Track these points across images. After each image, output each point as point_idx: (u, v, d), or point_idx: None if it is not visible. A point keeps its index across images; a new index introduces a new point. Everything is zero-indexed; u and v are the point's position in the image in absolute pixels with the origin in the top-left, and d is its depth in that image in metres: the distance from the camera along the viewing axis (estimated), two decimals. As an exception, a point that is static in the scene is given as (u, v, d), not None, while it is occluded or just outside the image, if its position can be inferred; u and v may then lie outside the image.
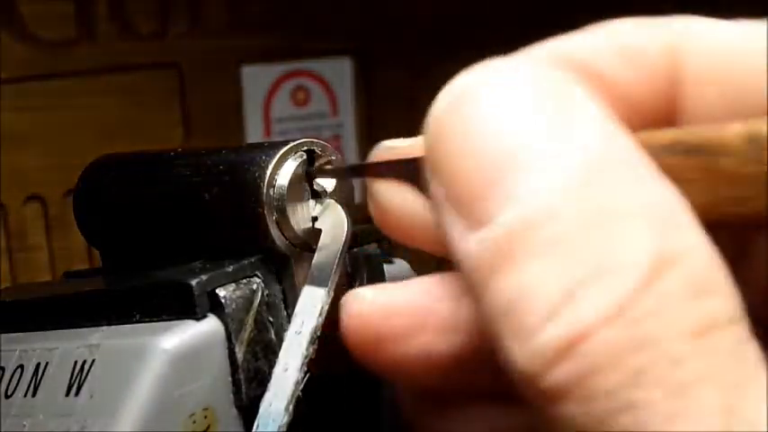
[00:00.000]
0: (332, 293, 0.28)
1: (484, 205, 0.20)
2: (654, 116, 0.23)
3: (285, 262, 0.29)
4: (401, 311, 0.25)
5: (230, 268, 0.28)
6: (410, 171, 0.25)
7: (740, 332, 0.18)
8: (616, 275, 0.18)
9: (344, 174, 0.28)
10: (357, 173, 0.28)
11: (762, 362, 0.18)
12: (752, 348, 0.18)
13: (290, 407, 0.26)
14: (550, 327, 0.18)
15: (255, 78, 0.72)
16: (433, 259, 0.26)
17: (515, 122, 0.20)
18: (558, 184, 0.19)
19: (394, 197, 0.26)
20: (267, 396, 0.27)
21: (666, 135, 0.21)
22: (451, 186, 0.21)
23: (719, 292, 0.19)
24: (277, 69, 0.73)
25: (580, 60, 0.24)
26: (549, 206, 0.19)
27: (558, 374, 0.18)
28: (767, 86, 0.22)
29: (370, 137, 0.25)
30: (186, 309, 0.27)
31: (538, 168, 0.19)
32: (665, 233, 0.19)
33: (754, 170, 0.20)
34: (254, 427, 0.26)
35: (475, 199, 0.20)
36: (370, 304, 0.25)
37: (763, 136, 0.20)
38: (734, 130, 0.20)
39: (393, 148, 0.27)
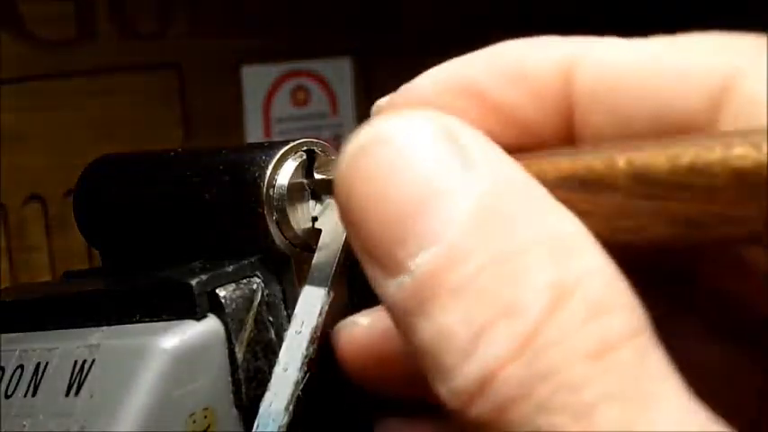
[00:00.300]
0: (332, 293, 0.28)
1: (394, 254, 0.21)
2: (549, 137, 0.24)
3: (285, 262, 0.29)
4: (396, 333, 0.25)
5: (230, 268, 0.28)
6: None
7: (642, 346, 0.19)
8: (518, 312, 0.19)
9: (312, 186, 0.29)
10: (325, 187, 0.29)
11: (668, 371, 0.19)
12: (655, 360, 0.19)
13: (290, 407, 0.26)
14: (465, 367, 0.19)
15: (255, 78, 0.72)
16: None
17: (414, 174, 0.21)
18: (456, 229, 0.20)
19: None
20: (267, 396, 0.27)
21: (559, 167, 0.22)
22: (364, 239, 0.22)
23: (618, 309, 0.19)
24: (277, 69, 0.73)
25: (471, 85, 0.24)
26: (453, 250, 0.20)
27: (477, 410, 0.19)
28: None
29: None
30: (186, 309, 0.27)
31: (437, 214, 0.20)
32: (562, 262, 0.20)
33: (641, 204, 0.21)
34: (255, 427, 0.26)
35: (385, 249, 0.21)
36: (367, 330, 0.26)
37: (647, 171, 0.20)
38: (619, 167, 0.21)
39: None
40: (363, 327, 0.26)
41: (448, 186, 0.20)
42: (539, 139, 0.24)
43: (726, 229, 0.20)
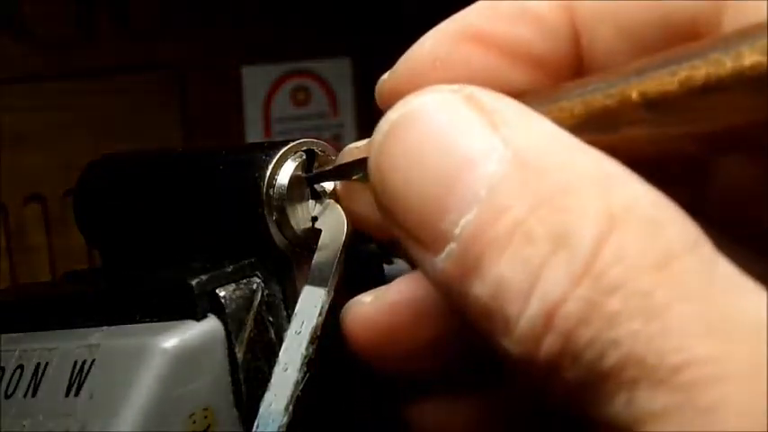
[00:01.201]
0: (332, 293, 0.28)
1: (437, 228, 0.21)
2: (561, 68, 0.24)
3: (285, 262, 0.29)
4: (404, 306, 0.26)
5: (230, 268, 0.28)
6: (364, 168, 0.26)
7: (706, 254, 0.19)
8: (572, 242, 0.19)
9: (313, 180, 0.29)
10: (323, 179, 0.29)
11: (739, 275, 0.19)
12: (722, 265, 0.19)
13: (290, 407, 0.26)
14: (528, 310, 0.20)
15: (255, 78, 0.72)
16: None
17: (446, 145, 0.21)
18: (493, 187, 0.20)
19: (355, 199, 0.27)
20: (267, 396, 0.27)
21: (573, 113, 0.22)
22: (403, 219, 0.22)
23: (674, 226, 0.20)
24: (277, 69, 0.73)
25: (474, 31, 0.25)
26: (494, 204, 0.20)
27: (547, 347, 0.19)
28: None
29: (370, 137, 0.25)
30: (186, 309, 0.27)
31: (474, 177, 0.21)
32: (606, 191, 0.20)
33: (662, 132, 0.21)
34: (254, 427, 0.26)
35: (427, 224, 0.21)
36: (372, 306, 0.26)
37: (662, 101, 0.20)
38: (633, 101, 0.21)
39: (357, 148, 0.27)
40: (367, 304, 0.27)
41: (478, 150, 0.21)
42: (550, 72, 0.24)
43: (750, 134, 0.20)
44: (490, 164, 0.20)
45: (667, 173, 0.21)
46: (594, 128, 0.21)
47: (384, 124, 0.22)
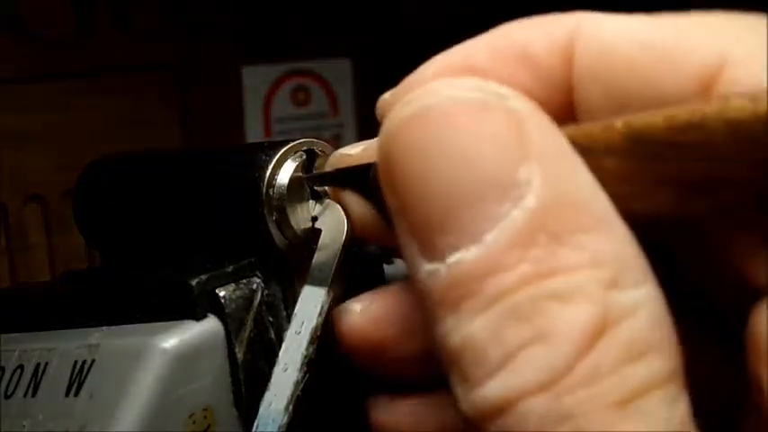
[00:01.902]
0: (332, 293, 0.28)
1: (433, 239, 0.20)
2: (553, 115, 0.23)
3: (285, 262, 0.29)
4: (390, 318, 0.25)
5: (230, 268, 0.28)
6: (361, 178, 0.26)
7: (671, 394, 0.19)
8: (553, 342, 0.18)
9: (312, 181, 0.29)
10: (317, 182, 0.28)
11: (690, 422, 0.19)
12: (681, 409, 0.19)
13: (290, 407, 0.26)
14: (491, 384, 0.19)
15: (255, 78, 0.72)
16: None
17: (467, 161, 0.19)
18: (503, 235, 0.19)
19: (353, 204, 0.27)
20: (267, 396, 0.27)
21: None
22: (406, 211, 0.21)
23: (656, 352, 0.19)
24: (277, 69, 0.73)
25: (476, 69, 0.24)
26: (493, 257, 0.19)
27: (494, 428, 0.19)
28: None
29: (370, 137, 0.25)
30: (186, 309, 0.27)
31: (486, 211, 0.19)
32: (611, 290, 0.19)
33: (642, 166, 0.20)
34: (254, 427, 0.26)
35: (425, 231, 0.20)
36: (360, 316, 0.26)
37: (645, 131, 0.20)
38: (617, 129, 0.20)
39: (347, 155, 0.27)
40: (355, 312, 0.26)
41: (499, 182, 0.19)
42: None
43: (729, 193, 0.19)
44: (507, 204, 0.19)
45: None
46: (578, 153, 0.21)
47: (409, 105, 0.20)
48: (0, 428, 0.29)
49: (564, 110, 0.24)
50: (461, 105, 0.20)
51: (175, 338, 0.27)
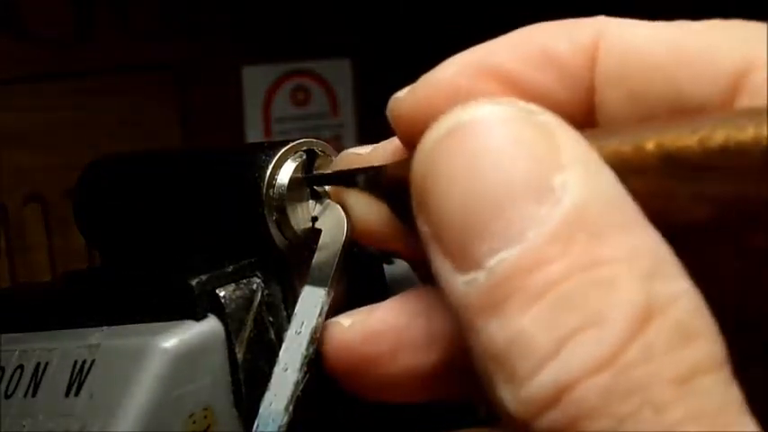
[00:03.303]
0: (332, 293, 0.28)
1: (472, 249, 0.20)
2: (574, 116, 0.23)
3: (285, 262, 0.29)
4: (379, 334, 0.25)
5: (230, 268, 0.28)
6: (372, 178, 0.26)
7: (726, 377, 0.19)
8: (604, 326, 0.19)
9: (313, 182, 0.29)
10: (320, 182, 0.28)
11: (745, 406, 0.19)
12: (736, 393, 0.19)
13: (290, 407, 0.26)
14: (542, 375, 0.19)
15: (255, 78, 0.72)
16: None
17: (505, 168, 0.20)
18: (544, 231, 0.19)
19: (360, 207, 0.27)
20: (267, 396, 0.27)
21: None
22: (439, 226, 0.21)
23: (704, 338, 0.19)
24: (277, 69, 0.73)
25: (498, 70, 0.24)
26: (537, 251, 0.19)
27: (548, 421, 0.19)
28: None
29: (370, 137, 0.25)
30: (186, 309, 0.27)
31: (525, 213, 0.20)
32: (651, 281, 0.19)
33: (674, 186, 0.20)
34: (254, 427, 0.26)
35: (463, 242, 0.20)
36: (348, 331, 0.26)
37: (678, 154, 0.20)
38: (648, 151, 0.20)
39: (356, 154, 0.27)
40: (347, 329, 0.26)
41: (537, 185, 0.20)
42: (566, 120, 0.24)
43: (764, 212, 0.19)
44: (546, 206, 0.19)
45: None
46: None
47: (449, 120, 0.21)
48: (0, 428, 0.29)
49: (585, 112, 0.24)
50: (496, 120, 0.21)
51: (175, 338, 0.27)
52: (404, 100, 0.26)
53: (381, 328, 0.25)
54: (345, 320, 0.26)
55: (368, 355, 0.26)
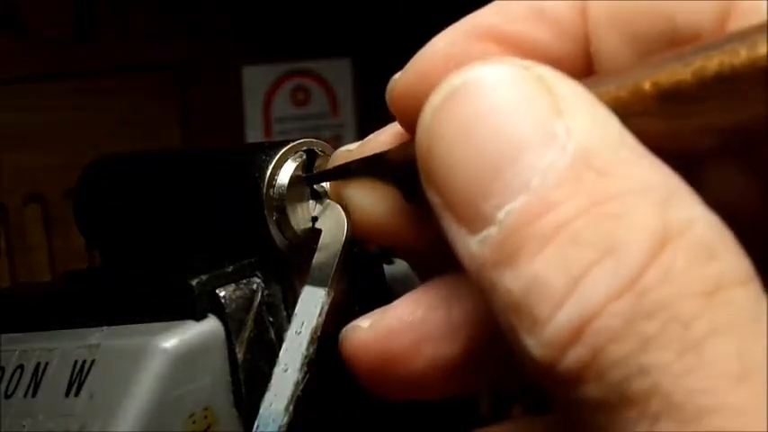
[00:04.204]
0: (332, 293, 0.28)
1: (480, 207, 0.20)
2: (571, 68, 0.23)
3: (285, 262, 0.29)
4: (398, 330, 0.25)
5: (230, 268, 0.28)
6: (372, 167, 0.26)
7: (755, 290, 0.18)
8: (621, 253, 0.18)
9: (313, 181, 0.29)
10: (322, 179, 0.28)
11: None
12: (765, 306, 0.18)
13: (291, 407, 0.26)
14: (561, 315, 0.19)
15: (255, 78, 0.72)
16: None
17: (505, 124, 0.20)
18: (548, 178, 0.19)
19: (360, 201, 0.27)
20: (267, 396, 0.27)
21: None
22: (448, 192, 0.21)
23: (727, 254, 0.19)
24: (277, 69, 0.73)
25: (489, 29, 0.24)
26: (544, 196, 0.19)
27: (572, 357, 0.18)
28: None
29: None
30: (186, 309, 0.27)
31: (528, 163, 0.20)
32: (666, 207, 0.19)
33: (677, 123, 0.20)
34: (255, 428, 0.26)
35: (472, 202, 0.20)
36: (367, 332, 0.26)
37: (675, 90, 0.19)
38: (645, 92, 0.20)
39: (349, 151, 0.27)
40: (365, 330, 0.26)
41: (538, 135, 0.20)
42: (565, 73, 0.24)
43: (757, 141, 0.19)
44: (548, 152, 0.19)
45: None
46: None
47: (446, 87, 0.21)
48: (0, 428, 0.29)
49: (584, 63, 0.24)
50: (490, 79, 0.21)
51: (175, 338, 0.27)
52: (399, 80, 0.26)
53: (399, 324, 0.25)
54: (364, 322, 0.26)
55: (390, 352, 0.25)
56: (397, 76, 0.26)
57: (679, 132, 0.20)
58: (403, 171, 0.24)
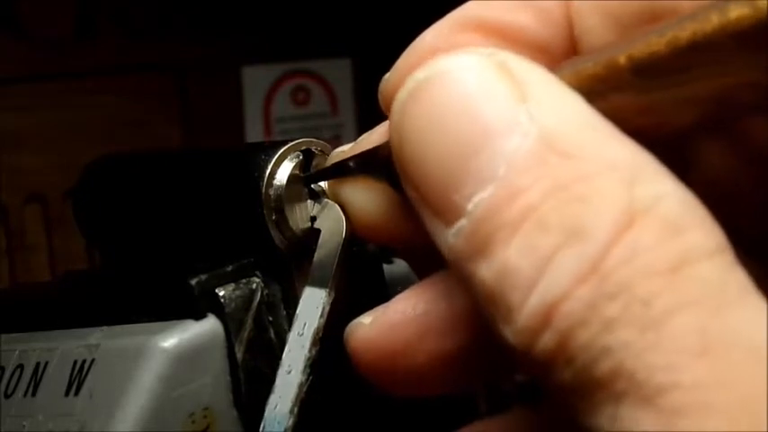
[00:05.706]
0: (333, 293, 0.27)
1: (451, 199, 0.20)
2: (556, 51, 0.24)
3: (285, 262, 0.29)
4: (400, 324, 0.25)
5: (230, 268, 0.28)
6: (368, 163, 0.26)
7: (722, 261, 0.18)
8: (585, 238, 0.18)
9: (310, 180, 0.29)
10: (320, 177, 0.28)
11: (751, 287, 0.18)
12: (737, 276, 0.18)
13: (295, 409, 0.26)
14: (530, 301, 0.19)
15: (255, 78, 0.72)
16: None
17: (470, 114, 0.20)
18: (512, 165, 0.19)
19: (358, 198, 0.27)
20: (272, 398, 0.26)
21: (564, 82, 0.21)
22: (422, 186, 0.21)
23: (695, 228, 0.19)
24: (277, 69, 0.73)
25: (474, 19, 0.24)
26: (510, 184, 0.19)
27: (543, 343, 0.19)
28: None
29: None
30: (186, 309, 0.27)
31: (494, 151, 0.20)
32: (631, 187, 0.19)
33: (655, 97, 0.20)
34: (261, 430, 0.26)
35: (442, 195, 0.20)
36: (371, 327, 0.26)
37: (650, 62, 0.19)
38: (621, 66, 0.20)
39: (342, 152, 0.27)
40: (367, 326, 0.26)
41: (502, 122, 0.20)
42: (547, 56, 0.24)
43: (749, 98, 0.19)
44: (512, 138, 0.19)
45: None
46: (584, 97, 0.21)
47: (410, 82, 0.21)
48: (0, 428, 0.29)
49: (569, 48, 0.24)
50: (455, 68, 0.21)
51: (175, 338, 0.27)
52: (388, 79, 0.26)
53: (401, 319, 0.25)
54: (366, 319, 0.26)
55: (393, 347, 0.25)
56: (388, 74, 0.26)
57: (658, 106, 0.20)
58: (393, 167, 0.24)
